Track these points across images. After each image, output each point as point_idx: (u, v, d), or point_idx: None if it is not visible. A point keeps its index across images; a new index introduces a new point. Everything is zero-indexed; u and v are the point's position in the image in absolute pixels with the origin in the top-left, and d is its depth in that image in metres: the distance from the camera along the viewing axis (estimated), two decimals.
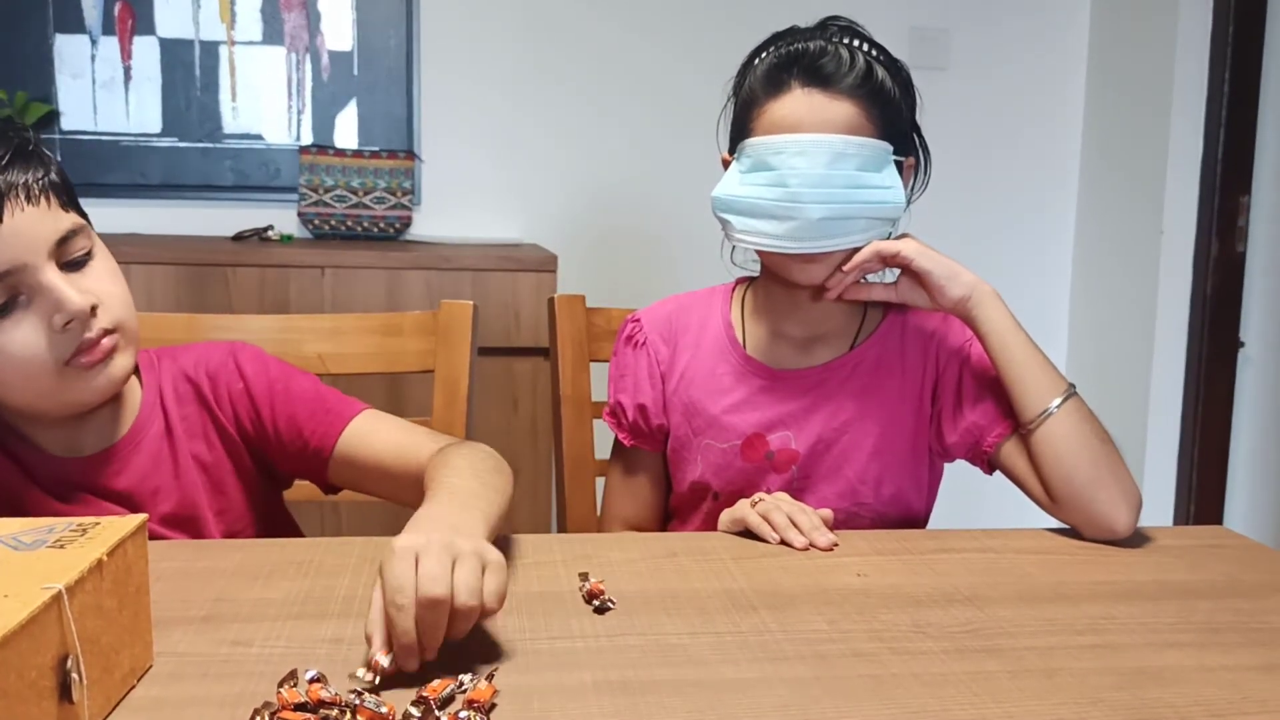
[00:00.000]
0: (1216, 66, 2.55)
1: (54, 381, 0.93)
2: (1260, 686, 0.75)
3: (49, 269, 0.91)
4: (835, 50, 1.09)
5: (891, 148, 1.10)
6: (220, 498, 1.07)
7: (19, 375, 0.92)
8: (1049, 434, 1.08)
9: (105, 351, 0.94)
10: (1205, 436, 2.65)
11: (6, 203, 0.88)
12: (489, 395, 2.23)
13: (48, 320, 0.91)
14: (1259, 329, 2.71)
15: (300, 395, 1.09)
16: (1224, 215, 2.58)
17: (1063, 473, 1.06)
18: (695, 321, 1.25)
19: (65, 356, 0.92)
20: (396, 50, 2.62)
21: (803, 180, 1.06)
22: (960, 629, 0.83)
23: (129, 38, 2.53)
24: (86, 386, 0.95)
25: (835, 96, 1.08)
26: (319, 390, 1.10)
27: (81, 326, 0.92)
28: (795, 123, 1.08)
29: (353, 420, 1.08)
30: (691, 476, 1.22)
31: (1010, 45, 2.84)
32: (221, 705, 0.68)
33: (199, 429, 1.07)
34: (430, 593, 0.70)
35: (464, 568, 0.72)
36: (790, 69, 1.10)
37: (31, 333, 0.91)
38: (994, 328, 1.11)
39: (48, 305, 0.91)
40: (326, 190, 2.55)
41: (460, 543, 0.74)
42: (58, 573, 0.61)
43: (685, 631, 0.81)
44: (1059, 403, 1.08)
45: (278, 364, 1.11)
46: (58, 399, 0.95)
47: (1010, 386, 1.11)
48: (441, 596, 0.70)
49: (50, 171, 0.92)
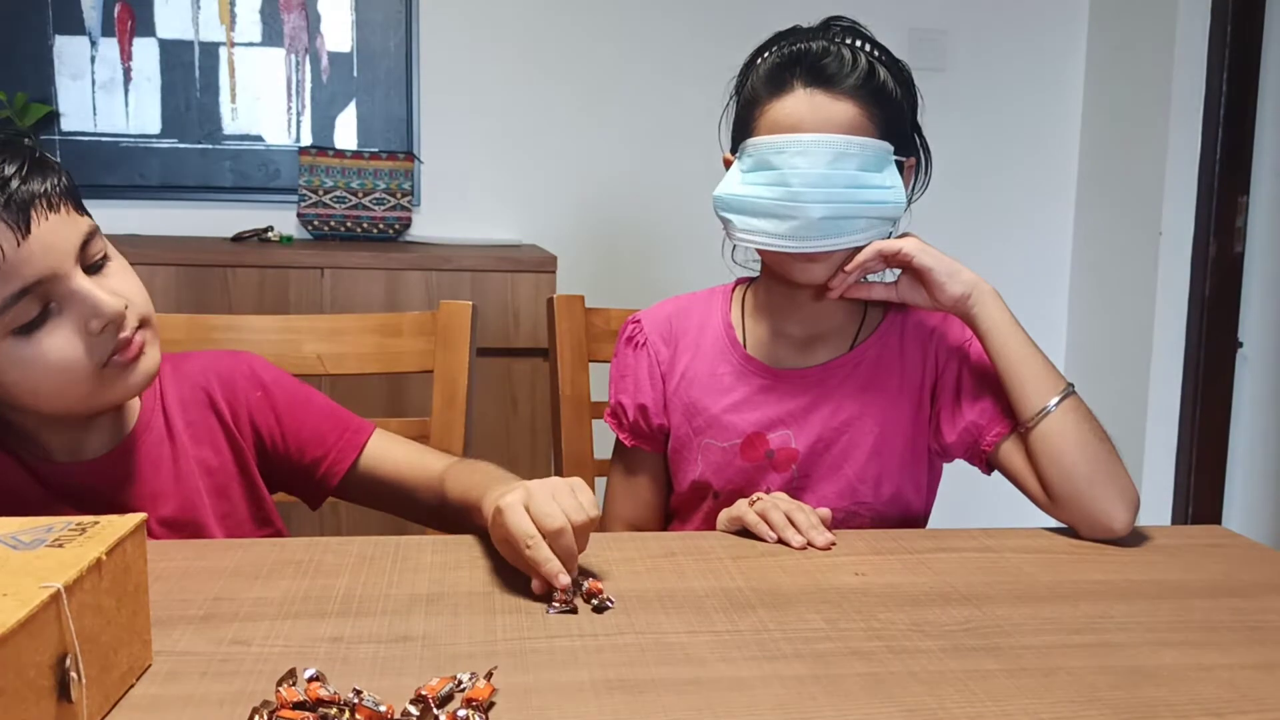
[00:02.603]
0: (1215, 67, 2.55)
1: (93, 384, 0.93)
2: (1257, 685, 0.75)
3: (77, 275, 0.91)
4: (838, 50, 1.10)
5: (892, 148, 1.10)
6: (224, 502, 1.08)
7: (58, 382, 0.92)
8: (1047, 432, 1.08)
9: (139, 348, 0.95)
10: (1203, 436, 2.65)
11: (33, 213, 0.88)
12: (488, 395, 2.23)
13: (83, 325, 0.91)
14: (1257, 329, 2.71)
15: (317, 411, 1.13)
16: (1222, 216, 2.58)
17: (1060, 471, 1.07)
18: (695, 322, 1.25)
19: (104, 359, 0.92)
20: (396, 51, 2.62)
21: (804, 180, 1.06)
22: (958, 628, 0.83)
23: (129, 39, 2.53)
24: (124, 384, 0.95)
25: (837, 96, 1.08)
26: (333, 407, 1.15)
27: (116, 328, 0.93)
28: (797, 122, 1.08)
29: (370, 438, 1.14)
30: (692, 476, 1.22)
31: (1009, 46, 2.84)
32: (220, 704, 0.68)
33: (206, 435, 1.08)
34: (553, 525, 0.86)
35: (562, 497, 0.88)
36: (793, 69, 1.10)
37: (67, 340, 0.91)
38: (993, 326, 1.11)
39: (82, 311, 0.91)
40: (326, 191, 2.55)
41: (547, 482, 0.90)
42: (56, 572, 0.62)
43: (683, 630, 0.82)
44: (1057, 401, 1.08)
45: (290, 378, 1.15)
46: (95, 400, 0.95)
47: (1009, 384, 1.11)
48: (562, 525, 0.86)
49: (62, 177, 0.93)
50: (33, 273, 0.88)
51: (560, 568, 0.85)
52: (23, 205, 0.87)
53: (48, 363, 0.91)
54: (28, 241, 0.87)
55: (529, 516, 0.87)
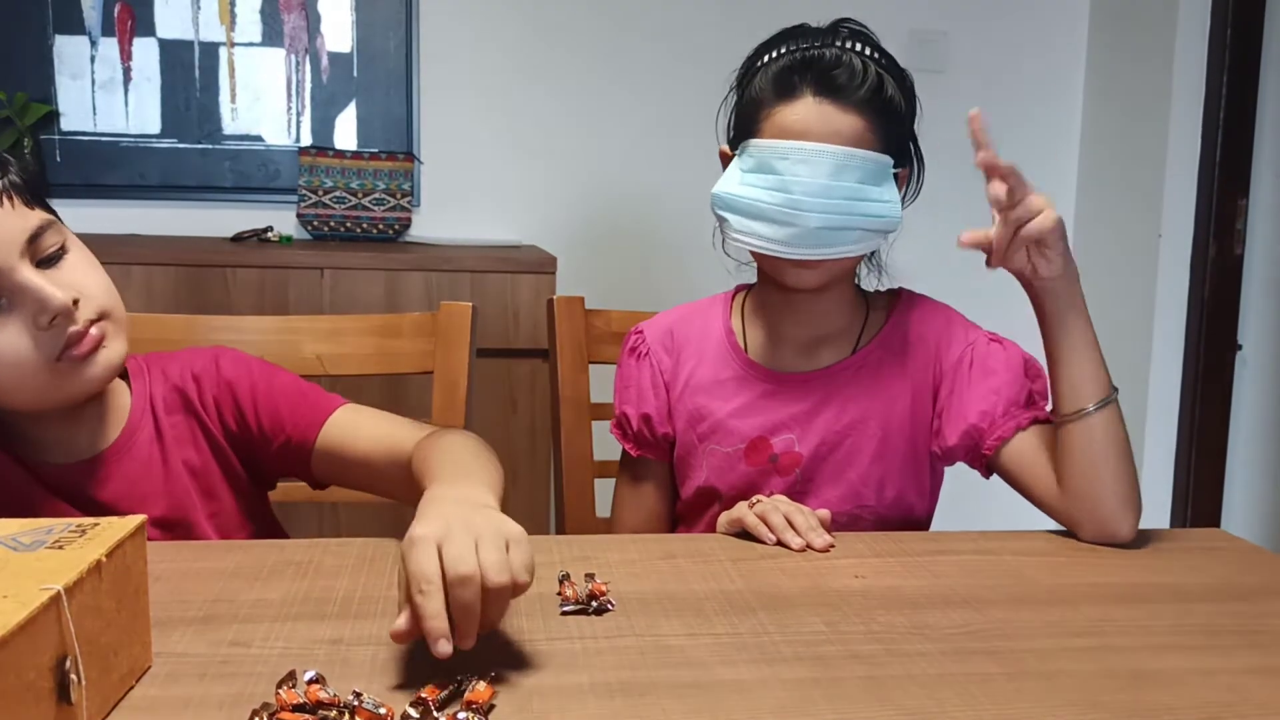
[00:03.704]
0: (1215, 68, 2.55)
1: (47, 378, 0.93)
2: (1258, 689, 0.75)
3: (24, 268, 0.90)
4: (849, 60, 1.09)
5: (893, 161, 1.11)
6: (212, 502, 1.08)
7: (11, 377, 0.92)
8: (1086, 428, 1.06)
9: (95, 341, 0.94)
10: (1203, 439, 2.65)
11: None
12: (488, 397, 2.23)
13: (32, 320, 0.91)
14: (1256, 332, 2.71)
15: (281, 390, 1.09)
16: (1222, 218, 2.58)
17: (1087, 468, 1.05)
18: (697, 330, 1.25)
19: (55, 353, 0.92)
20: (396, 52, 2.62)
21: (805, 189, 1.06)
22: (958, 631, 0.83)
23: (129, 39, 2.53)
24: (81, 378, 0.95)
25: (845, 109, 1.08)
26: (299, 385, 1.10)
27: (66, 321, 0.92)
28: (804, 130, 1.08)
29: (334, 413, 1.08)
30: (696, 482, 1.22)
31: (1009, 48, 2.84)
32: (220, 706, 0.68)
33: (188, 436, 1.07)
34: (459, 570, 0.68)
35: (487, 546, 0.71)
36: (803, 74, 1.09)
37: (17, 335, 0.91)
38: (1068, 308, 1.06)
39: (30, 305, 0.90)
40: (326, 191, 2.55)
41: (479, 522, 0.73)
42: (56, 573, 0.61)
43: (683, 633, 0.81)
44: (1103, 402, 1.06)
45: (259, 363, 1.11)
46: (54, 395, 0.95)
47: (1062, 371, 1.07)
48: (470, 573, 0.68)
49: (10, 172, 0.92)
50: None
51: (445, 631, 0.68)
52: None
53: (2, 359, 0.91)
54: None
55: (437, 558, 0.70)
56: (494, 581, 0.69)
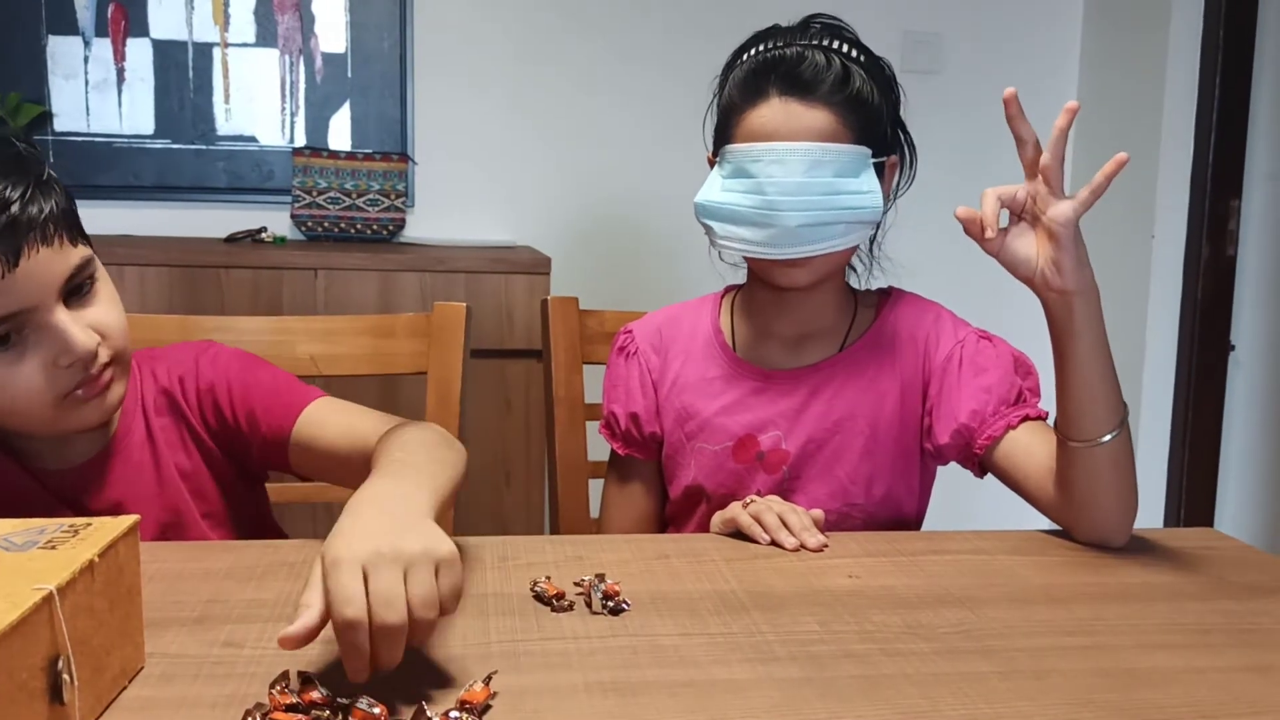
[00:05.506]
0: (1207, 70, 2.56)
1: (51, 414, 0.93)
2: (1250, 688, 0.75)
3: (57, 309, 0.90)
4: (812, 57, 1.09)
5: (870, 151, 1.10)
6: (204, 503, 1.07)
7: (18, 408, 0.92)
8: (1094, 456, 1.01)
9: (104, 385, 0.94)
10: (1196, 439, 2.66)
11: (25, 245, 0.87)
12: (482, 397, 2.23)
13: (52, 358, 0.91)
14: (1249, 333, 2.72)
15: (256, 385, 1.08)
16: (1215, 219, 2.59)
17: (1090, 485, 1.03)
18: (685, 329, 1.26)
19: (65, 391, 0.92)
20: (390, 53, 2.62)
21: (780, 189, 1.07)
22: (951, 630, 0.83)
23: (122, 39, 2.53)
24: (80, 416, 0.95)
25: (812, 105, 1.09)
26: (275, 379, 1.09)
27: (85, 365, 0.92)
28: (772, 131, 1.08)
29: (307, 407, 1.07)
30: (685, 481, 1.22)
31: (1003, 49, 2.85)
32: (213, 706, 0.68)
33: (176, 438, 1.07)
34: (386, 620, 0.65)
35: (416, 577, 0.68)
36: (767, 75, 1.10)
37: (33, 370, 0.91)
38: (1087, 330, 1.00)
39: (53, 345, 0.90)
40: (320, 192, 2.54)
41: (408, 544, 0.69)
42: (49, 573, 0.61)
43: (677, 633, 0.81)
44: (1115, 433, 1.01)
45: (239, 359, 1.10)
46: (50, 427, 0.96)
47: (1074, 396, 1.01)
48: (399, 623, 0.66)
49: (60, 200, 0.91)
50: (13, 304, 0.87)
51: (365, 665, 0.66)
52: (15, 236, 0.86)
53: (12, 388, 0.90)
54: (13, 274, 0.86)
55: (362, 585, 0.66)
56: (420, 617, 0.67)
